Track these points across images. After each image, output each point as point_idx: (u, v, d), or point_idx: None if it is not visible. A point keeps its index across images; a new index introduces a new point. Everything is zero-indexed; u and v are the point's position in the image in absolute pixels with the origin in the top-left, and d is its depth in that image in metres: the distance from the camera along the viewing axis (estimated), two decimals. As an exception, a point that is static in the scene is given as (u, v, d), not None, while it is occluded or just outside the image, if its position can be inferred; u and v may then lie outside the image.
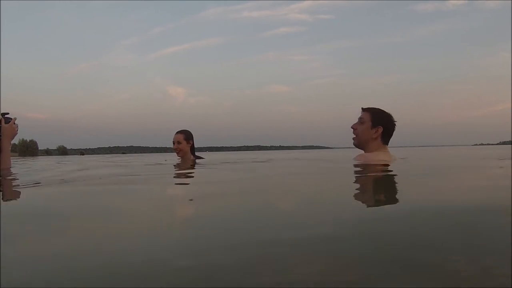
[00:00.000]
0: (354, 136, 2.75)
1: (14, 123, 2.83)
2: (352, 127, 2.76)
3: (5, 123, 2.78)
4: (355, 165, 2.50)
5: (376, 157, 2.63)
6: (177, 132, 4.19)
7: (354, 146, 2.82)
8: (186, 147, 4.12)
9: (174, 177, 2.29)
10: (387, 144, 2.77)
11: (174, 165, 3.39)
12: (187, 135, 4.16)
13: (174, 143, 4.13)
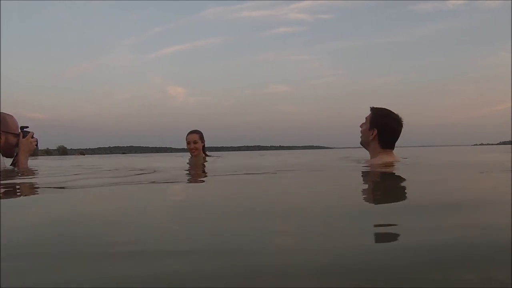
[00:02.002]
0: (360, 135, 2.76)
1: (32, 137, 2.80)
2: (360, 126, 2.76)
3: (23, 137, 2.74)
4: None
5: (378, 161, 2.60)
6: (191, 132, 4.27)
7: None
8: (200, 146, 4.23)
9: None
10: (390, 148, 2.68)
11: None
12: (201, 135, 4.27)
13: (189, 143, 4.20)
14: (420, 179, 1.93)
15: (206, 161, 3.83)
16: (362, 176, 2.26)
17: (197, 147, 4.20)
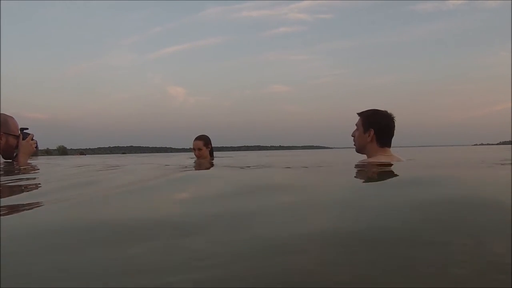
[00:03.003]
0: (354, 143, 2.74)
1: (32, 139, 2.76)
2: (351, 135, 2.74)
3: (23, 139, 2.71)
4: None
5: (375, 160, 2.59)
6: (196, 139, 4.40)
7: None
8: (206, 152, 4.37)
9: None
10: (388, 146, 2.67)
11: None
12: (206, 141, 4.40)
13: (195, 150, 4.36)
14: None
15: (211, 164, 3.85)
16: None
17: (201, 154, 4.33)
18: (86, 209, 0.99)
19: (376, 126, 2.62)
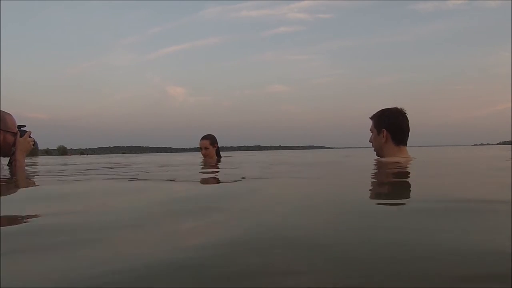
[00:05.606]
0: (373, 148, 2.73)
1: (30, 136, 2.74)
2: (369, 141, 2.73)
3: (20, 136, 2.69)
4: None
5: (390, 160, 2.56)
6: (203, 138, 4.46)
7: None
8: (212, 151, 4.43)
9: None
10: (404, 144, 2.65)
11: None
12: (212, 140, 4.45)
13: (201, 149, 4.41)
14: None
15: (218, 162, 3.82)
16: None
17: (208, 153, 4.38)
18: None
19: (387, 125, 2.60)
